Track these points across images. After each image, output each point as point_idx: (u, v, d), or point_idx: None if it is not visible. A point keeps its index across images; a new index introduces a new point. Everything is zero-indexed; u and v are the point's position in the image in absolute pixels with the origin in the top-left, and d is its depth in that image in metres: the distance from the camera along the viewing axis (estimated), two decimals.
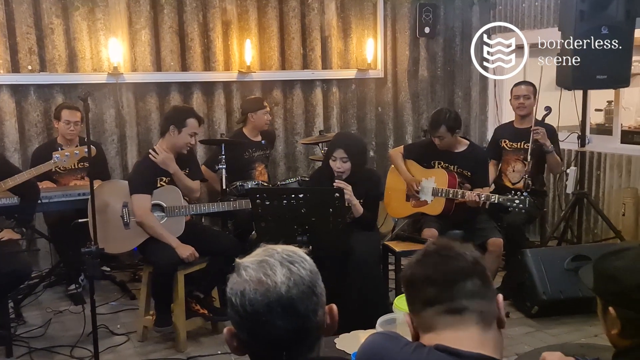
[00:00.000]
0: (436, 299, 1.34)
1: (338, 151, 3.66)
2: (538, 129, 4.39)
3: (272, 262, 1.21)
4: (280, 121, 5.66)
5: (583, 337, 3.62)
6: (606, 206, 5.09)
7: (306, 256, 1.27)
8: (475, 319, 1.32)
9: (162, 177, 3.74)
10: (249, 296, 1.18)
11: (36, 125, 4.95)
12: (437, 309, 1.33)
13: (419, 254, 1.42)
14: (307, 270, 1.23)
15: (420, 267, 1.38)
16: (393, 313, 2.20)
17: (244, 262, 1.24)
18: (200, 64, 5.32)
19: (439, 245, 1.41)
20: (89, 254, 2.76)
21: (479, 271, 1.35)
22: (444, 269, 1.35)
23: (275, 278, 1.19)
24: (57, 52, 4.93)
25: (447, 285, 1.33)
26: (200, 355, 3.55)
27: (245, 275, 1.20)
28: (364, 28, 5.86)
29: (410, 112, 6.10)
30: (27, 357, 3.56)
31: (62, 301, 4.41)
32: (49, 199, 4.07)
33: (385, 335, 1.42)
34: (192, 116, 3.78)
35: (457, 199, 4.03)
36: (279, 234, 3.45)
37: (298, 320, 1.19)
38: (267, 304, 1.17)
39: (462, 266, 1.34)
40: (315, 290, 1.23)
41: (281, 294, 1.18)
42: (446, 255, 1.37)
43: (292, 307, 1.18)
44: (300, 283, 1.20)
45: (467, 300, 1.32)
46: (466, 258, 1.35)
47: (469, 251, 1.38)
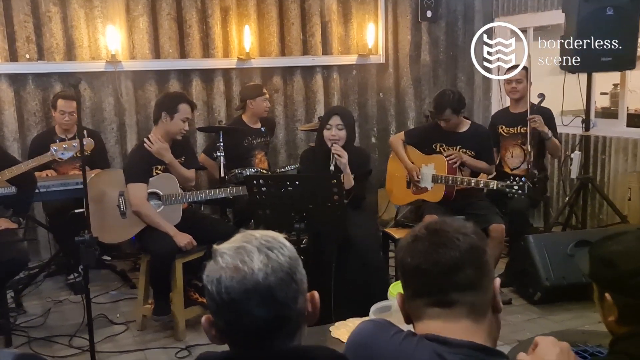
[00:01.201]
0: (425, 290, 1.27)
1: (334, 118, 3.68)
2: (534, 117, 4.31)
3: (250, 249, 1.17)
4: (281, 108, 5.61)
5: (586, 324, 3.57)
6: (611, 191, 5.02)
7: (286, 242, 1.22)
8: (466, 311, 1.25)
9: (158, 166, 3.71)
10: (225, 284, 1.14)
11: (35, 114, 4.93)
12: (426, 301, 1.27)
13: (409, 238, 1.31)
14: (285, 257, 1.18)
15: (409, 255, 1.28)
16: (388, 300, 2.16)
17: (221, 248, 1.20)
18: (199, 50, 5.27)
19: (430, 229, 1.29)
20: (83, 243, 2.73)
21: (474, 259, 1.25)
22: (433, 258, 1.24)
23: (252, 265, 1.14)
24: (55, 41, 4.90)
25: (436, 278, 1.25)
26: (199, 344, 3.53)
27: (222, 262, 1.16)
28: (365, 13, 5.78)
29: (412, 97, 6.02)
30: (26, 346, 3.55)
31: (62, 291, 4.40)
32: (47, 189, 4.05)
33: (376, 323, 1.37)
34: (184, 101, 3.73)
35: (457, 185, 3.99)
36: (276, 221, 3.44)
37: (276, 308, 1.15)
38: (244, 291, 1.13)
39: (454, 256, 1.23)
40: (295, 277, 1.19)
41: (258, 281, 1.14)
42: (437, 243, 1.26)
43: (270, 295, 1.14)
44: (278, 270, 1.16)
45: (457, 293, 1.24)
46: (459, 246, 1.24)
47: (464, 234, 1.26)
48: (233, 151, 4.45)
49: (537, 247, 3.89)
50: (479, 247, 1.27)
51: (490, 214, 3.98)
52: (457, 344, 1.20)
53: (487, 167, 4.19)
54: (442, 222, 1.31)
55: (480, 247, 1.27)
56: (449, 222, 1.29)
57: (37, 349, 3.52)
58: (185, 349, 3.49)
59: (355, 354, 1.30)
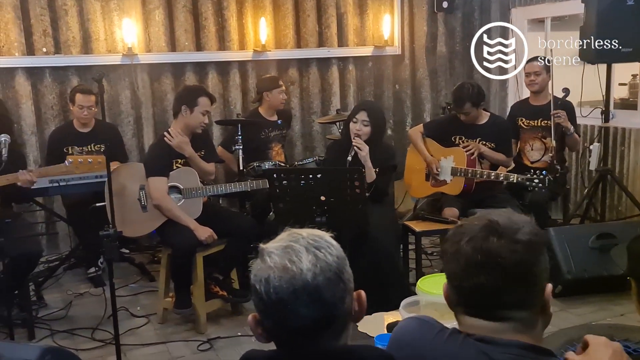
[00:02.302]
0: (468, 304, 1.25)
1: (361, 113, 3.74)
2: (559, 112, 4.27)
3: (298, 248, 1.16)
4: (297, 100, 5.59)
5: (608, 317, 3.56)
6: (631, 183, 4.97)
7: (333, 241, 1.21)
8: (514, 325, 1.22)
9: (178, 159, 3.71)
10: (274, 283, 1.14)
11: (52, 108, 4.94)
12: (471, 312, 1.25)
13: (450, 245, 1.25)
14: (333, 256, 1.17)
15: (450, 257, 1.24)
16: (416, 295, 2.15)
17: (268, 247, 1.19)
18: (214, 43, 5.26)
19: (476, 247, 1.20)
20: (107, 237, 2.73)
21: (521, 277, 1.20)
22: (476, 281, 1.19)
23: (301, 265, 1.14)
24: (72, 34, 4.90)
25: (480, 299, 1.22)
26: (220, 337, 3.54)
27: (270, 261, 1.16)
28: (380, 4, 5.74)
29: (428, 89, 5.99)
30: (49, 339, 3.57)
31: (82, 284, 4.42)
32: (67, 182, 4.05)
33: (419, 320, 1.35)
34: (204, 94, 3.73)
35: (476, 178, 3.97)
36: (297, 214, 3.43)
37: (324, 308, 1.15)
38: (293, 291, 1.13)
39: (497, 278, 1.18)
40: (342, 277, 1.18)
41: (307, 281, 1.13)
42: (479, 264, 1.19)
43: (318, 295, 1.14)
44: (326, 270, 1.15)
45: (505, 311, 1.22)
46: (505, 267, 1.18)
47: (512, 250, 1.18)
48: (250, 144, 4.45)
49: (558, 240, 3.86)
50: (528, 261, 1.20)
51: (510, 207, 3.94)
52: (504, 343, 1.19)
53: (506, 160, 4.17)
54: (488, 229, 1.22)
55: (529, 261, 1.20)
56: (498, 228, 1.21)
57: (59, 341, 3.55)
58: (206, 341, 3.50)
59: (400, 351, 1.29)
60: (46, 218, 4.94)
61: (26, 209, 4.55)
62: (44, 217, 4.94)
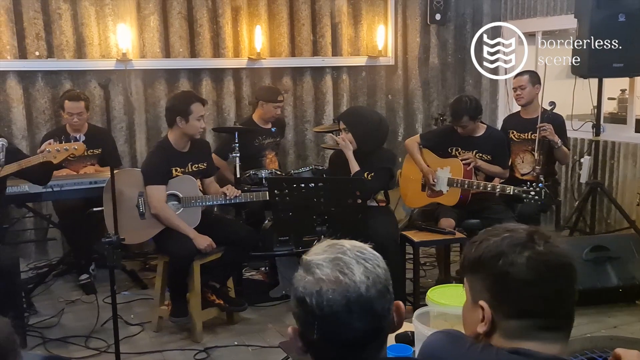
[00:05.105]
0: (536, 311, 1.21)
1: (340, 123, 3.97)
2: (544, 125, 4.31)
3: (347, 260, 1.16)
4: (290, 109, 5.59)
5: (603, 329, 3.60)
6: (620, 195, 5.05)
7: (376, 252, 1.22)
8: (564, 337, 1.23)
9: (177, 167, 3.68)
10: (327, 296, 1.13)
11: (44, 112, 4.89)
12: (532, 322, 1.21)
13: (513, 246, 1.21)
14: (381, 268, 1.18)
15: (520, 268, 1.19)
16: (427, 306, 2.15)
17: (315, 259, 1.18)
18: (209, 50, 5.25)
19: (544, 241, 1.20)
20: (110, 244, 2.70)
21: (576, 284, 1.23)
22: (553, 279, 1.18)
23: (354, 277, 1.14)
24: (65, 38, 4.86)
25: (554, 300, 1.20)
26: (216, 346, 3.52)
27: (320, 273, 1.15)
28: (375, 14, 5.78)
29: (420, 99, 6.03)
30: (42, 347, 3.51)
31: (73, 291, 4.36)
32: (61, 187, 4.01)
33: (449, 334, 1.35)
34: (195, 100, 3.68)
35: (472, 189, 4.00)
36: (297, 224, 3.44)
37: (374, 320, 1.15)
38: (346, 304, 1.13)
39: (572, 279, 1.20)
40: (389, 288, 1.19)
41: (361, 293, 1.13)
42: (557, 265, 1.19)
43: (370, 307, 1.14)
44: (377, 282, 1.16)
45: (564, 320, 1.23)
46: (574, 267, 1.21)
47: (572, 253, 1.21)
48: (244, 151, 4.41)
49: None
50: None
51: (506, 218, 3.98)
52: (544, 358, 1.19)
53: (502, 172, 4.21)
54: (549, 236, 1.24)
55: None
56: (539, 235, 1.23)
57: (52, 350, 3.49)
58: (203, 350, 3.47)
59: None
60: (36, 224, 4.86)
61: (24, 214, 4.50)
62: (33, 224, 4.87)
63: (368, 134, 3.86)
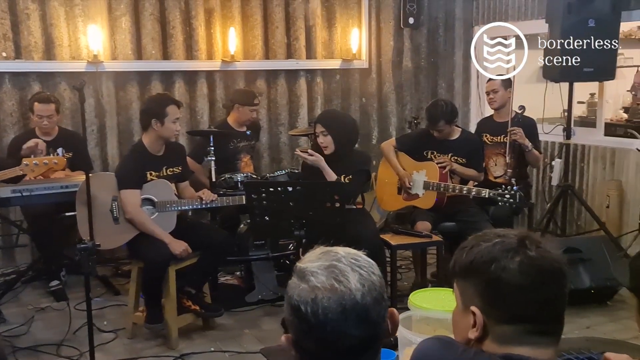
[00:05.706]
0: (529, 316, 1.21)
1: (318, 126, 3.83)
2: (515, 129, 4.36)
3: (342, 267, 1.14)
4: (264, 112, 5.55)
5: (575, 330, 3.64)
6: (590, 198, 5.14)
7: (370, 259, 1.20)
8: (555, 341, 1.23)
9: (152, 172, 3.62)
10: (323, 304, 1.11)
11: (12, 115, 4.76)
12: (525, 327, 1.22)
13: (505, 251, 1.21)
14: (376, 276, 1.17)
15: (513, 273, 1.19)
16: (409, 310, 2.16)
17: (309, 267, 1.16)
18: (182, 52, 5.19)
19: (535, 246, 1.21)
20: (85, 250, 2.64)
21: (568, 288, 1.24)
22: (545, 284, 1.20)
23: (350, 285, 1.12)
24: (33, 39, 4.75)
25: (546, 305, 1.20)
26: (193, 353, 3.47)
27: (315, 281, 1.13)
28: (349, 17, 5.78)
29: (394, 103, 6.05)
30: (12, 356, 3.41)
31: (43, 298, 4.26)
32: (30, 192, 3.89)
33: (441, 340, 1.34)
34: (170, 103, 3.64)
35: (448, 192, 4.03)
36: (274, 228, 3.42)
37: (370, 327, 1.14)
38: (342, 311, 1.11)
39: (564, 284, 1.20)
40: (384, 296, 1.18)
41: (356, 301, 1.12)
42: (550, 270, 1.21)
43: (366, 315, 1.13)
44: (373, 289, 1.14)
45: (555, 324, 1.23)
46: (565, 272, 1.21)
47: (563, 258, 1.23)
48: (219, 154, 4.37)
49: None
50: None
51: (481, 221, 4.03)
52: None
53: (476, 175, 4.24)
54: (542, 241, 1.26)
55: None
56: (530, 240, 1.24)
57: (23, 359, 3.40)
58: (179, 357, 3.42)
59: None
60: (3, 230, 4.73)
61: None
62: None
63: (345, 136, 3.85)
